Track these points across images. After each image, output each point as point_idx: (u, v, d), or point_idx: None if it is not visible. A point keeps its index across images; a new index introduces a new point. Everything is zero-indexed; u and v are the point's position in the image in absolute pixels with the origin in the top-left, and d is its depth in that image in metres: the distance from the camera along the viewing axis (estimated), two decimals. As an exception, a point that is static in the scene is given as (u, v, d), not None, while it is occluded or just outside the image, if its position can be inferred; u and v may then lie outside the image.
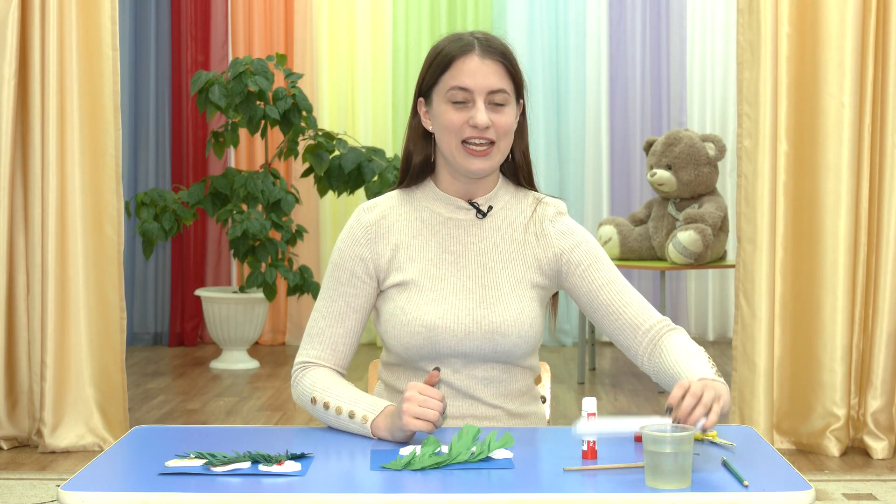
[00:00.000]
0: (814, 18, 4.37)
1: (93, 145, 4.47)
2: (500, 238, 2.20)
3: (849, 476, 4.15)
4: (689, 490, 1.70)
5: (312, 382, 2.13)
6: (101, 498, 1.68)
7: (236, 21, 7.27)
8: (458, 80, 2.11)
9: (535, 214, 2.23)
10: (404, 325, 2.13)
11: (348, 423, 2.04)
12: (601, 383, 6.01)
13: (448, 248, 2.19)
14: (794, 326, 4.46)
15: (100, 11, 4.45)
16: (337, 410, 2.05)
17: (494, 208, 2.22)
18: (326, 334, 2.19)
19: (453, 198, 2.21)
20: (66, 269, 4.44)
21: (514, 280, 2.17)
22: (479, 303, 2.14)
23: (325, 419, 2.09)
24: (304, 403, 2.14)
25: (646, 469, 1.71)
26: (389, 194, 2.25)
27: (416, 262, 2.17)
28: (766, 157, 4.41)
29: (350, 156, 6.23)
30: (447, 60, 2.13)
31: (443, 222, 2.20)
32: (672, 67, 7.31)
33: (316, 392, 2.11)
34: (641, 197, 7.19)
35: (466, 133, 2.12)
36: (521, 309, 2.15)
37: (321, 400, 2.09)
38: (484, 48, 2.13)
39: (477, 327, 2.13)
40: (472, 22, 7.25)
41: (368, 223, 2.20)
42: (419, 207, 2.22)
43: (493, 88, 2.12)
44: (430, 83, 2.16)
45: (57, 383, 4.43)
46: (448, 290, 2.15)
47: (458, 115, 2.11)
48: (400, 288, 2.17)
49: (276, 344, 7.34)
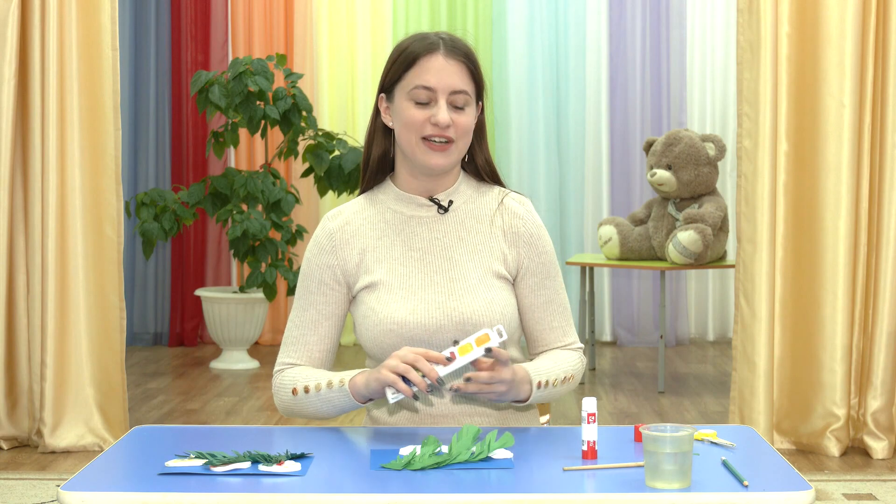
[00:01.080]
0: (814, 18, 4.37)
1: (93, 145, 4.47)
2: (464, 231, 2.23)
3: (849, 476, 4.15)
4: (689, 490, 1.70)
5: (291, 378, 2.17)
6: (101, 498, 1.68)
7: (236, 21, 7.27)
8: (422, 79, 2.14)
9: (502, 209, 2.25)
10: (376, 325, 2.15)
11: (329, 395, 2.08)
12: (601, 383, 6.01)
13: (413, 245, 2.21)
14: (794, 326, 4.46)
15: (100, 11, 4.45)
16: (316, 388, 2.10)
17: (456, 202, 2.25)
18: (300, 342, 2.23)
19: (414, 196, 2.24)
20: (66, 269, 4.44)
21: (481, 271, 2.19)
22: (449, 296, 2.16)
23: (310, 404, 2.12)
24: (287, 402, 2.17)
25: (646, 469, 1.72)
26: (354, 201, 2.30)
27: (383, 263, 2.20)
28: (766, 157, 4.41)
29: (350, 156, 6.23)
30: (411, 58, 2.16)
31: (405, 221, 2.23)
32: (672, 67, 7.31)
33: (295, 383, 2.15)
34: (641, 197, 7.19)
35: (427, 130, 2.15)
36: (490, 297, 2.17)
37: (300, 387, 2.13)
38: (449, 48, 2.16)
39: (448, 320, 2.14)
40: (472, 22, 7.25)
41: (332, 230, 2.24)
42: (381, 209, 2.25)
43: (455, 89, 2.15)
44: (392, 79, 2.19)
45: (57, 383, 4.44)
46: (416, 287, 2.18)
47: (420, 113, 2.15)
48: (369, 290, 2.19)
49: (276, 344, 7.34)
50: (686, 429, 1.72)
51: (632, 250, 5.99)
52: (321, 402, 2.10)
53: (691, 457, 1.71)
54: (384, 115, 2.23)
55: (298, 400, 2.13)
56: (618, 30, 7.31)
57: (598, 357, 6.82)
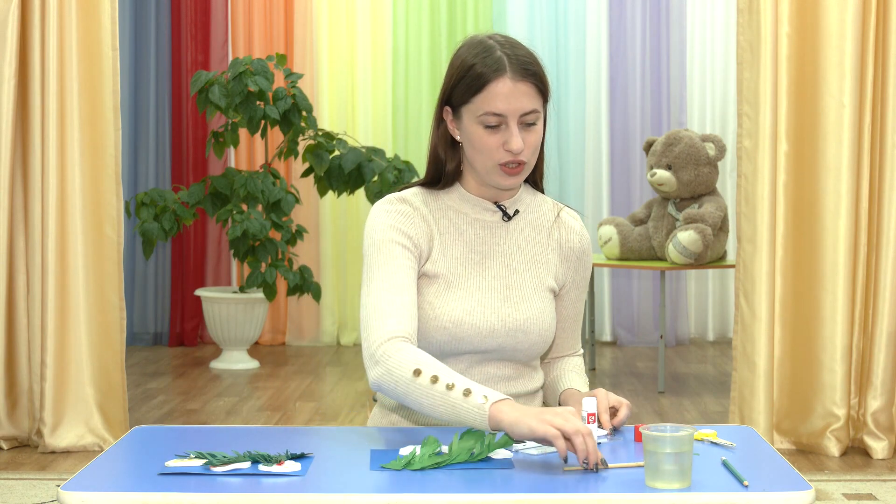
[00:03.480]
0: (814, 18, 4.37)
1: (93, 145, 4.47)
2: (523, 241, 2.23)
3: (849, 476, 4.15)
4: (689, 490, 1.70)
5: (415, 356, 1.98)
6: (101, 498, 1.68)
7: (236, 21, 7.27)
8: (492, 106, 2.09)
9: (559, 223, 2.26)
10: (431, 320, 2.13)
11: (459, 401, 1.89)
12: (601, 383, 6.01)
13: (475, 248, 2.21)
14: (794, 326, 4.46)
15: (100, 11, 4.45)
16: (448, 386, 1.91)
17: (520, 212, 2.25)
18: (401, 307, 2.06)
19: (481, 200, 2.22)
20: (66, 269, 4.44)
21: (535, 281, 2.21)
22: (504, 301, 2.17)
23: (424, 395, 1.94)
24: (399, 377, 1.96)
25: (646, 469, 1.72)
26: (412, 191, 2.23)
27: (445, 259, 2.19)
28: (766, 157, 4.41)
29: (350, 156, 6.23)
30: (480, 83, 2.10)
31: (470, 223, 2.22)
32: (672, 67, 7.31)
33: (421, 365, 1.96)
34: (641, 197, 7.19)
35: (502, 157, 2.11)
36: (542, 308, 2.19)
37: (428, 373, 1.94)
38: (516, 69, 2.09)
39: (501, 325, 2.15)
40: (472, 22, 7.24)
41: (404, 209, 2.18)
42: (446, 207, 2.22)
43: (525, 111, 2.10)
44: (460, 100, 2.13)
45: (57, 383, 4.44)
46: (474, 288, 2.17)
47: (493, 139, 2.10)
48: (429, 280, 2.17)
49: (276, 344, 7.34)
50: (686, 429, 1.72)
51: (632, 250, 5.99)
52: (441, 401, 1.92)
53: (691, 457, 1.71)
54: (450, 127, 2.19)
55: (416, 383, 1.95)
56: (618, 30, 7.31)
57: (598, 357, 6.81)
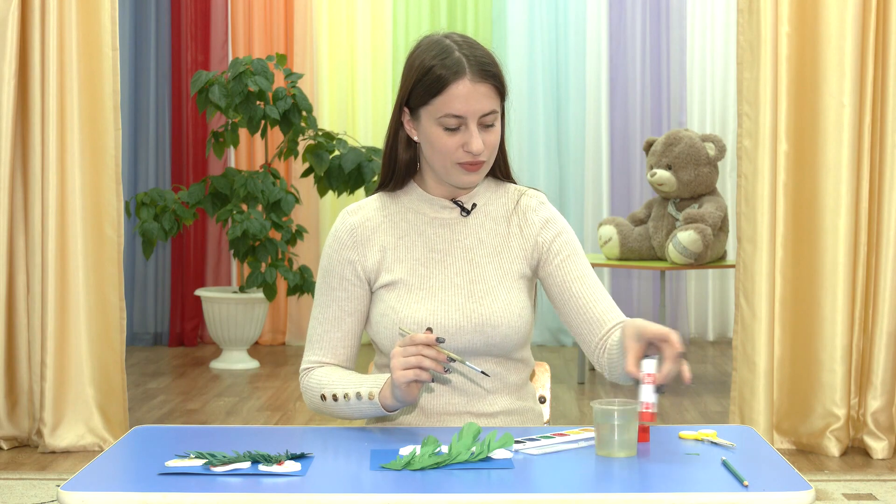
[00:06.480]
0: (814, 18, 4.37)
1: (93, 145, 4.47)
2: (484, 233, 2.23)
3: (849, 476, 4.15)
4: (689, 490, 1.70)
5: (318, 381, 2.17)
6: (101, 498, 1.68)
7: (236, 21, 7.26)
8: (452, 108, 2.10)
9: (518, 206, 2.25)
10: (395, 324, 2.15)
11: (360, 406, 2.08)
12: (601, 383, 6.01)
13: (435, 246, 2.21)
14: (794, 326, 4.46)
15: (100, 11, 4.45)
16: (345, 397, 2.09)
17: (478, 205, 2.24)
18: (325, 339, 2.22)
19: (438, 198, 2.23)
20: (66, 269, 4.44)
21: (500, 273, 2.20)
22: (468, 297, 2.16)
23: (340, 411, 2.13)
24: (317, 405, 2.17)
25: (596, 440, 1.88)
26: (372, 197, 2.27)
27: (404, 263, 2.19)
28: (766, 157, 4.41)
29: (350, 156, 6.23)
30: (439, 85, 2.10)
31: (428, 222, 2.23)
32: (672, 67, 7.31)
33: (323, 388, 2.14)
34: (641, 197, 7.19)
35: (461, 157, 2.13)
36: (508, 300, 2.17)
37: (329, 394, 2.12)
38: (475, 71, 2.10)
39: (467, 321, 2.15)
40: (472, 22, 7.25)
41: (353, 226, 2.22)
42: (403, 209, 2.23)
43: (485, 112, 2.11)
44: (418, 102, 2.14)
45: (57, 383, 4.44)
46: (437, 288, 2.18)
47: (452, 140, 2.12)
48: (389, 288, 2.19)
49: (276, 344, 7.34)
50: (632, 403, 1.88)
51: (632, 250, 5.99)
52: (352, 412, 2.11)
53: (636, 428, 1.87)
54: (408, 128, 2.19)
55: (327, 405, 2.14)
56: (618, 30, 7.31)
57: (598, 357, 6.80)
